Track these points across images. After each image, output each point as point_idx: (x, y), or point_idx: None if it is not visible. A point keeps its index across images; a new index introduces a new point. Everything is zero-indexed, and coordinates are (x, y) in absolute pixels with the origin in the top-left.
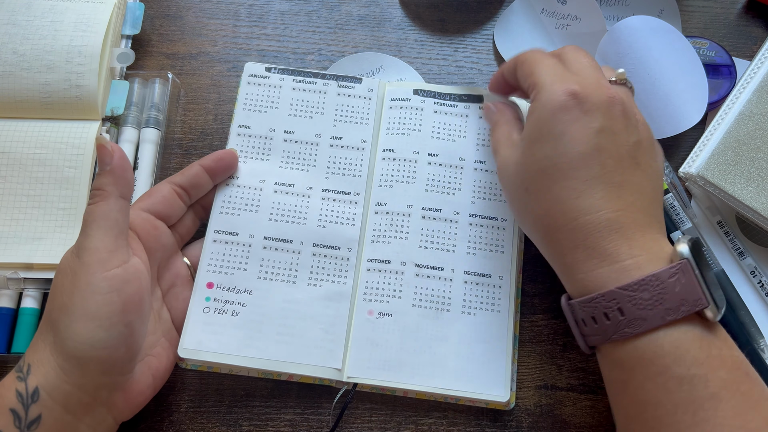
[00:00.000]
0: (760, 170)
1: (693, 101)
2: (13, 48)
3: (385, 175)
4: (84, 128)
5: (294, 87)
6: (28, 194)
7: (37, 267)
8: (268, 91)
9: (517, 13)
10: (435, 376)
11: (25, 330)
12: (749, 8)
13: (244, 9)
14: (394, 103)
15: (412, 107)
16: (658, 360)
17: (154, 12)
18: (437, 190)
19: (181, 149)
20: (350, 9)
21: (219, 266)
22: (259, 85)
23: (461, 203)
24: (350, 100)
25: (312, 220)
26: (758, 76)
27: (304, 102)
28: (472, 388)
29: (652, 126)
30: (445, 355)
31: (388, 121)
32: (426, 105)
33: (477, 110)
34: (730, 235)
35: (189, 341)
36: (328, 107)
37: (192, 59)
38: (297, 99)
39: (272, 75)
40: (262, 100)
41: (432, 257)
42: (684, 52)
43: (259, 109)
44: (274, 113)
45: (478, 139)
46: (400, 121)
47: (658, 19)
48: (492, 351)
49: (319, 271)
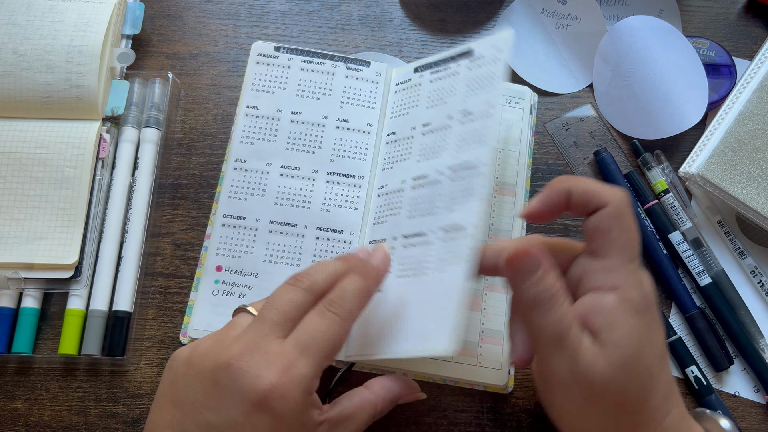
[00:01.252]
0: (760, 170)
1: (693, 101)
2: (13, 48)
3: (388, 159)
4: (84, 128)
5: (302, 67)
6: (28, 194)
7: (37, 267)
8: (277, 71)
9: (517, 13)
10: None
11: (25, 330)
12: (749, 8)
13: (244, 9)
14: (398, 87)
15: (412, 86)
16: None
17: (154, 12)
18: (428, 157)
19: (181, 149)
20: (350, 9)
21: (227, 250)
22: (267, 65)
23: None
24: (358, 83)
25: (316, 204)
26: (758, 76)
27: (312, 83)
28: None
29: (652, 126)
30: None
31: (393, 105)
32: (423, 80)
33: (468, 64)
34: (730, 235)
35: (198, 322)
36: (336, 89)
37: (192, 59)
38: (305, 80)
39: (281, 55)
40: (271, 80)
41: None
42: (684, 52)
43: (267, 89)
44: (281, 93)
45: (467, 92)
46: (402, 103)
47: (658, 19)
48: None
49: (322, 255)
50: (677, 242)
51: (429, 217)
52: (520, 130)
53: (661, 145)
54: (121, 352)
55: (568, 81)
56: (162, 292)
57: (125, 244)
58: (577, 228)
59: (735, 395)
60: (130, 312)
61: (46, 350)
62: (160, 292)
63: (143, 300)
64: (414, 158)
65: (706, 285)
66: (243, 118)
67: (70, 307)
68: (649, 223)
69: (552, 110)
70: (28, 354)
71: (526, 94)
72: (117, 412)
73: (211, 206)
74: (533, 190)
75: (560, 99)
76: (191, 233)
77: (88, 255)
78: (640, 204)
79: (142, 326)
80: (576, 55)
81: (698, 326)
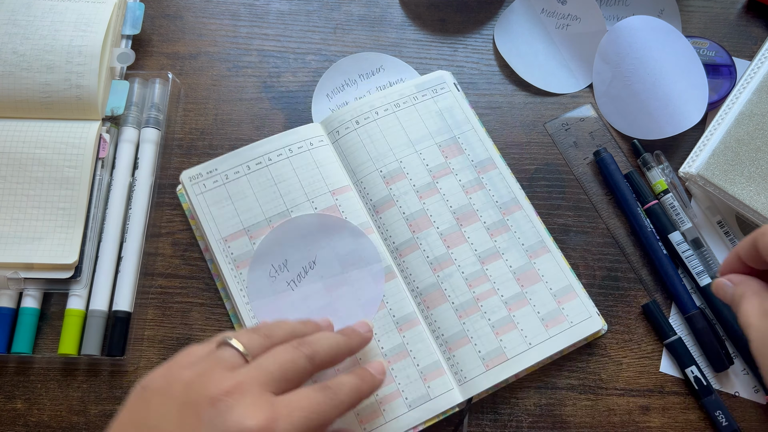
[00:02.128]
0: (760, 170)
1: (693, 101)
2: (13, 48)
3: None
4: (84, 128)
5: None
6: (28, 194)
7: (36, 267)
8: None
9: (517, 13)
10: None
11: (25, 330)
12: (749, 8)
13: (244, 9)
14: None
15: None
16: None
17: (154, 12)
18: None
19: (181, 149)
20: (350, 9)
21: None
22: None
23: None
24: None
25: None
26: (758, 76)
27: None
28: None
29: (652, 126)
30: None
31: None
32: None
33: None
34: (730, 235)
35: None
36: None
37: (192, 59)
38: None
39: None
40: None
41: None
42: (684, 52)
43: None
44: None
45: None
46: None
47: (658, 19)
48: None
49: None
50: (677, 242)
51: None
52: (461, 109)
53: (661, 146)
54: (121, 352)
55: (568, 81)
56: (162, 292)
57: (125, 244)
58: (577, 227)
59: (735, 395)
60: (129, 312)
61: (46, 350)
62: (159, 292)
63: (143, 300)
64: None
65: (706, 285)
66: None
67: (69, 307)
68: (648, 224)
69: (552, 110)
70: (27, 354)
71: (444, 76)
72: (117, 412)
73: None
74: (510, 163)
75: (560, 99)
76: (191, 233)
77: (88, 255)
78: (640, 204)
79: (141, 326)
80: (576, 55)
81: (698, 326)
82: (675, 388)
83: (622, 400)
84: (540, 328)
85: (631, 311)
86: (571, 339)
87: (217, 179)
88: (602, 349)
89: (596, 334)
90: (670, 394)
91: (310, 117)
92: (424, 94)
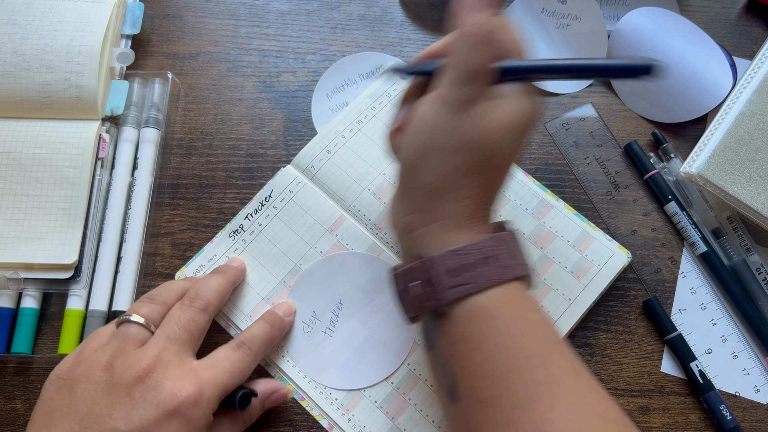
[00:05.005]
0: (761, 170)
1: (718, 70)
2: (13, 48)
3: None
4: (84, 128)
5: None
6: (28, 194)
7: (36, 267)
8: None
9: (517, 12)
10: None
11: (24, 330)
12: (749, 8)
13: (244, 9)
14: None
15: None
16: (514, 305)
17: (154, 12)
18: None
19: (181, 149)
20: (350, 9)
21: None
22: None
23: None
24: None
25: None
26: (758, 76)
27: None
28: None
29: (689, 106)
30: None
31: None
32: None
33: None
34: (739, 231)
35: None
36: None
37: (192, 59)
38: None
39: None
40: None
41: None
42: (689, 31)
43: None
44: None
45: None
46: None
47: (656, 8)
48: None
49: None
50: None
51: None
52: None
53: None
54: None
55: (568, 81)
56: None
57: (125, 244)
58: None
59: (735, 395)
60: None
61: (46, 350)
62: None
63: None
64: None
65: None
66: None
67: (69, 307)
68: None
69: (552, 110)
70: (27, 354)
71: (393, 77)
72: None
73: (210, 206)
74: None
75: (560, 99)
76: (191, 233)
77: (88, 255)
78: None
79: None
80: (576, 55)
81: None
82: (675, 389)
83: (622, 401)
84: (573, 281)
85: (631, 311)
86: (605, 281)
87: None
88: (602, 349)
89: (626, 266)
90: (671, 395)
91: (310, 117)
92: (381, 102)
